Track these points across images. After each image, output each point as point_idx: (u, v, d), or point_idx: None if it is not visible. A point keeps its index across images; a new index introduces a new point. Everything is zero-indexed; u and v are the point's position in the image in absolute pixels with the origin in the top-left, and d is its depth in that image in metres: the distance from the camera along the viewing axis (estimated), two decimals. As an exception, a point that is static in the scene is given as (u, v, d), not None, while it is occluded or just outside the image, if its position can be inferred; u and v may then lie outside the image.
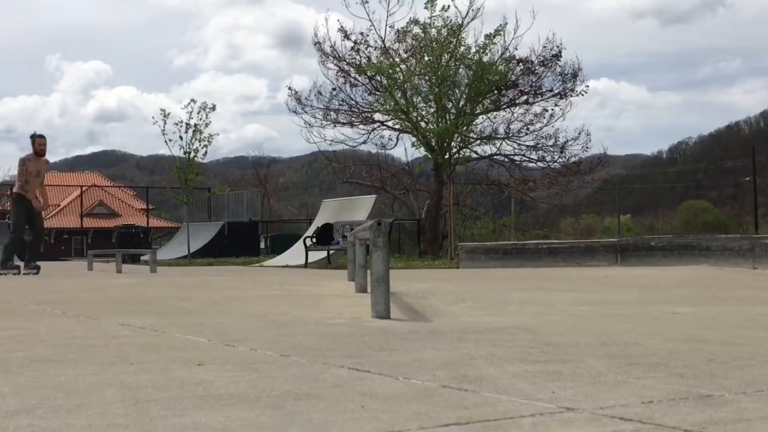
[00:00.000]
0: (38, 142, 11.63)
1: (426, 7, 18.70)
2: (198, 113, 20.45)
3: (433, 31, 18.78)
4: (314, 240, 13.92)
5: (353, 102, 20.92)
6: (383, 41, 19.73)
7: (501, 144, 21.23)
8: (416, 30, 19.06)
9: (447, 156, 19.08)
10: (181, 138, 20.56)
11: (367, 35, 19.94)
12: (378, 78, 19.65)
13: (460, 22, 19.02)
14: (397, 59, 19.39)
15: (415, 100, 19.36)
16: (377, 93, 20.23)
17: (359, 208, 15.32)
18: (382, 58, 19.57)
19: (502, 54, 19.51)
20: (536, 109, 20.65)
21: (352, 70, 20.39)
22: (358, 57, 20.18)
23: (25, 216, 11.46)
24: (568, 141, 20.80)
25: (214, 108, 20.80)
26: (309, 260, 13.45)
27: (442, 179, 19.51)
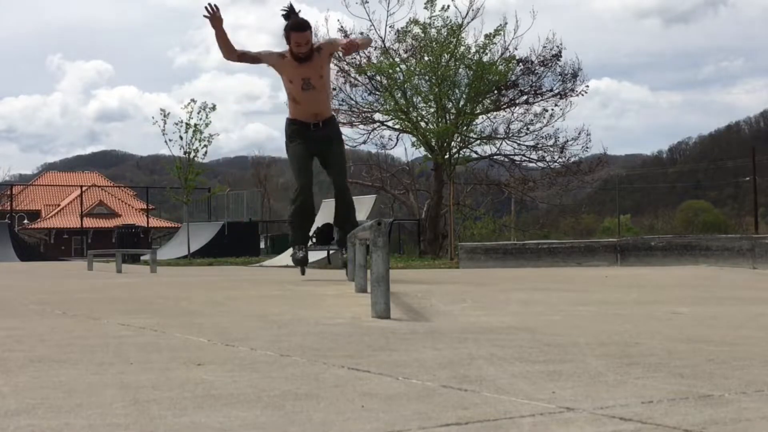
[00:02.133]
0: (294, 39, 6.47)
1: (426, 7, 18.75)
2: (198, 113, 20.49)
3: (433, 31, 18.81)
4: (314, 240, 13.90)
5: (353, 102, 20.97)
6: (383, 41, 19.77)
7: (501, 144, 21.30)
8: (416, 30, 19.10)
9: (447, 156, 19.12)
10: (181, 138, 20.61)
11: (367, 35, 19.97)
12: (378, 78, 19.67)
13: (460, 22, 19.06)
14: (397, 59, 19.41)
15: (415, 100, 19.39)
16: (377, 93, 20.26)
17: (359, 208, 15.29)
18: (382, 58, 19.59)
19: (502, 54, 19.56)
20: (536, 109, 20.74)
21: (352, 70, 20.42)
22: (357, 57, 20.21)
23: (309, 156, 6.77)
24: (568, 141, 20.89)
25: (214, 108, 20.83)
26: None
27: (442, 179, 19.52)
